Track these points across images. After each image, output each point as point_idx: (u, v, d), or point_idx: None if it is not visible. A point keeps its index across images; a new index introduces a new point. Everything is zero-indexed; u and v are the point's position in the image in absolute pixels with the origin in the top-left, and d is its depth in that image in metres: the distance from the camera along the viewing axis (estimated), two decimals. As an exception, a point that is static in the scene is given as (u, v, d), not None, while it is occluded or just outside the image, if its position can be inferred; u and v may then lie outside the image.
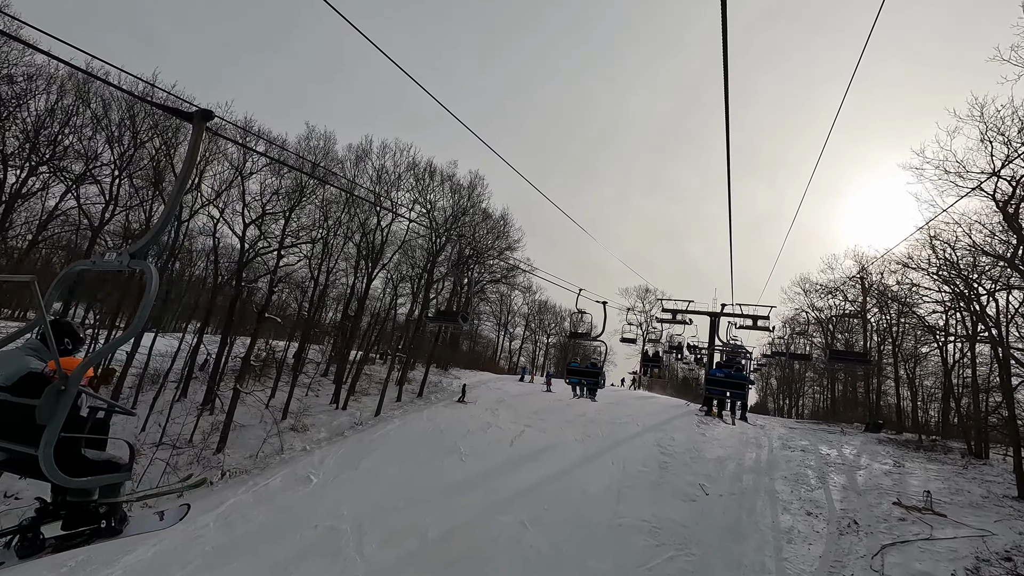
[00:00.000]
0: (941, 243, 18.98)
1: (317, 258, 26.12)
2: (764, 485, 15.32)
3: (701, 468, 16.48)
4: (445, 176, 31.29)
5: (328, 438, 19.13)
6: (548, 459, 16.38)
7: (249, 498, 12.65)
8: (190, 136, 3.07)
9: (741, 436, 21.57)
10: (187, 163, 3.07)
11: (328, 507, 12.11)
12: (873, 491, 15.00)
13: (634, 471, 15.51)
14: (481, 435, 18.95)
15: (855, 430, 27.11)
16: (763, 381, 52.60)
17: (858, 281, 33.16)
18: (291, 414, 21.46)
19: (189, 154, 3.01)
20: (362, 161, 26.97)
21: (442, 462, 15.76)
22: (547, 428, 20.59)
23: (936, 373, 30.78)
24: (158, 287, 2.62)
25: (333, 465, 15.26)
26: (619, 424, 21.96)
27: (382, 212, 26.94)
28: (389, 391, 28.88)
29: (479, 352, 56.56)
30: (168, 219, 3.16)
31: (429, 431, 19.36)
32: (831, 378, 39.60)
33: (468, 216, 33.66)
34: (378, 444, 17.50)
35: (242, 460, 16.40)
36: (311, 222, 24.46)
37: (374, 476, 14.37)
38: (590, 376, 16.36)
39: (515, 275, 45.58)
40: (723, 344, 22.87)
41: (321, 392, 27.29)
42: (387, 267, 31.19)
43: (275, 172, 22.77)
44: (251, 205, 23.38)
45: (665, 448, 18.39)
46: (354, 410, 24.30)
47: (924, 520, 12.81)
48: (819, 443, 21.75)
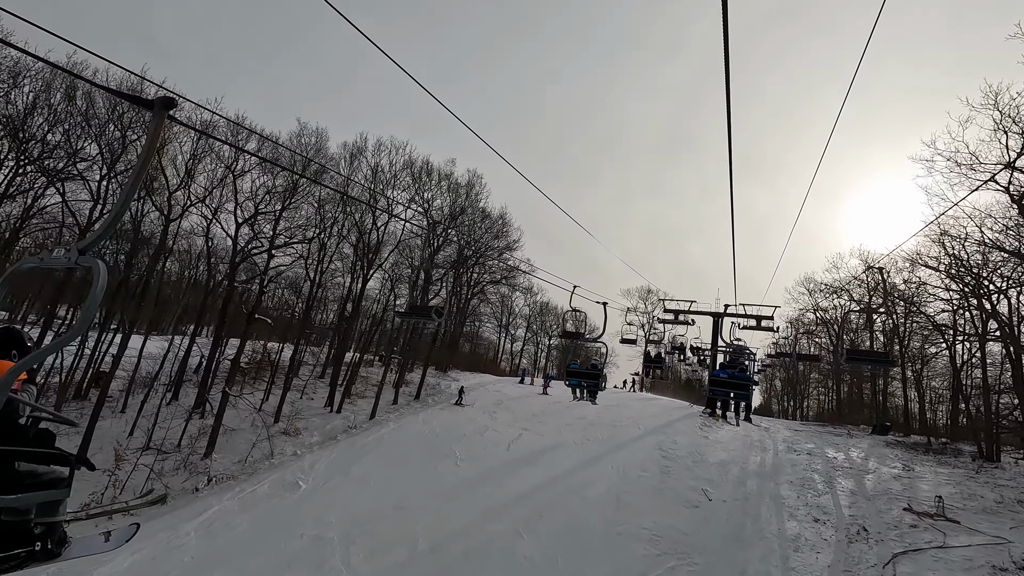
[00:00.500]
0: (951, 239, 18.55)
1: (313, 259, 25.75)
2: (769, 490, 14.88)
3: (704, 472, 16.04)
4: (442, 175, 30.96)
5: (320, 442, 18.74)
6: (545, 463, 15.96)
7: (234, 505, 12.27)
8: (149, 125, 2.85)
9: (745, 439, 21.12)
10: (144, 154, 2.92)
11: (315, 515, 11.71)
12: (882, 496, 14.54)
13: (634, 476, 15.08)
14: (477, 439, 18.54)
15: (862, 432, 26.59)
16: (767, 383, 52.06)
17: (863, 281, 32.78)
18: (284, 418, 21.09)
19: (147, 145, 2.79)
20: (356, 159, 26.63)
21: (436, 467, 15.35)
22: (545, 431, 20.17)
23: (944, 374, 30.29)
24: (105, 285, 2.43)
25: (323, 470, 14.87)
26: (619, 427, 21.52)
27: (378, 211, 26.58)
28: (386, 393, 28.51)
29: (480, 354, 56.19)
30: (119, 214, 2.88)
31: (424, 435, 18.96)
32: (837, 379, 39.06)
33: (466, 215, 33.34)
34: (371, 448, 17.10)
35: (230, 465, 16.02)
36: (305, 221, 24.11)
37: (365, 482, 13.96)
38: (590, 378, 15.99)
39: (515, 276, 45.26)
40: (726, 344, 22.45)
41: (316, 395, 26.91)
42: (384, 268, 30.85)
43: (267, 171, 22.43)
44: (244, 205, 23.08)
45: (666, 451, 17.95)
46: (349, 413, 23.91)
47: (936, 527, 12.35)
48: (825, 446, 21.27)
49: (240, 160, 23.00)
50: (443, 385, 32.37)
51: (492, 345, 58.96)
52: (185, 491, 13.72)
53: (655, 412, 26.22)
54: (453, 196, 31.12)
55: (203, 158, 22.94)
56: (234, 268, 23.00)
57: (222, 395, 17.32)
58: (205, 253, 25.28)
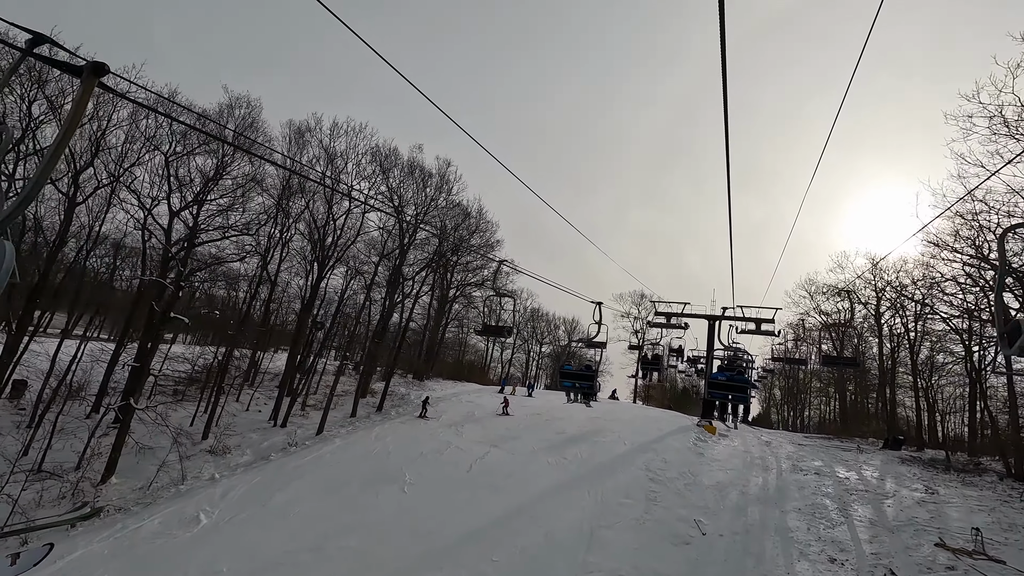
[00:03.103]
0: (971, 223, 16.83)
1: (259, 253, 23.39)
2: (774, 520, 12.87)
3: (697, 498, 13.99)
4: (410, 163, 28.82)
5: (251, 462, 16.39)
6: (511, 489, 13.81)
7: (103, 549, 9.94)
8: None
9: (745, 456, 19.15)
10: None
11: (203, 562, 9.44)
12: (907, 527, 12.60)
13: (614, 504, 12.99)
14: (435, 458, 16.33)
15: (872, 447, 24.80)
16: (766, 391, 50.45)
17: (868, 281, 31.24)
18: (215, 432, 18.67)
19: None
20: (303, 139, 24.20)
21: (377, 494, 13.12)
22: (517, 449, 18.02)
23: (956, 382, 28.71)
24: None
25: (237, 500, 12.57)
26: (603, 444, 19.44)
27: (337, 200, 24.37)
28: (344, 405, 26.19)
29: (469, 362, 54.25)
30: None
31: (374, 453, 16.70)
32: (840, 388, 37.39)
33: (438, 208, 31.24)
34: (305, 471, 14.82)
35: (128, 493, 13.62)
36: (241, 208, 21.64)
37: (283, 515, 11.70)
38: (584, 379, 14.32)
39: (501, 280, 43.25)
40: (724, 347, 20.82)
41: (267, 407, 24.49)
42: (347, 264, 28.58)
43: (188, 147, 19.95)
44: (165, 188, 20.60)
45: (655, 473, 15.90)
46: (296, 428, 21.54)
47: (978, 568, 10.43)
48: (834, 463, 19.39)
49: (176, 143, 20.72)
50: (413, 395, 30.07)
51: (481, 353, 57.00)
52: (59, 529, 11.32)
53: (645, 425, 24.16)
54: (421, 185, 28.99)
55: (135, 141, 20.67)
56: (167, 263, 20.56)
57: (124, 407, 14.91)
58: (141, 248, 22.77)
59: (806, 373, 43.74)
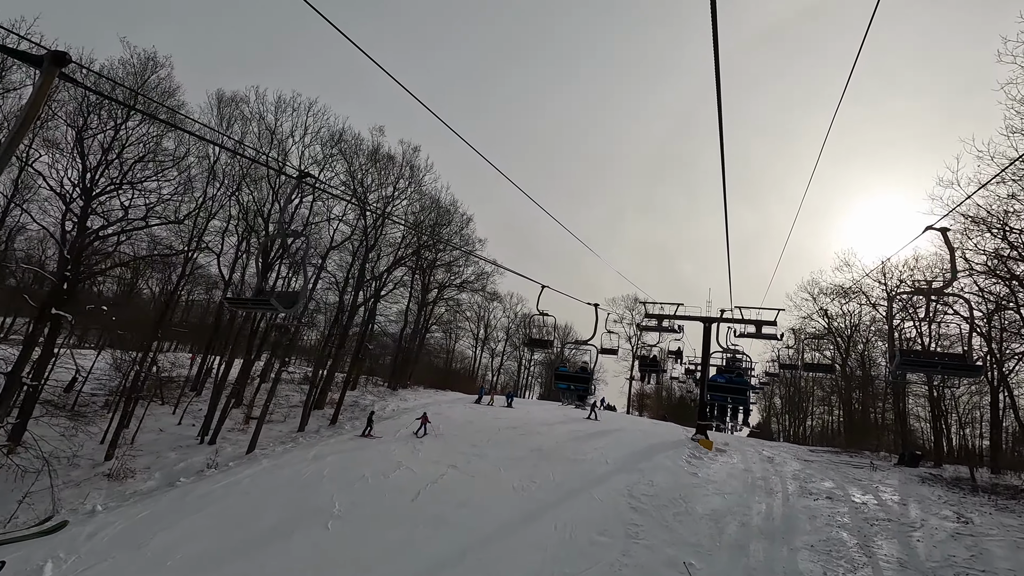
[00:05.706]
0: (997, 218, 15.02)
1: (183, 239, 21.00)
2: (782, 560, 10.74)
3: (689, 532, 11.82)
4: (370, 147, 26.58)
5: (154, 489, 13.98)
6: (460, 523, 11.55)
7: None
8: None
9: (745, 476, 17.04)
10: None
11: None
12: (946, 569, 10.52)
13: (584, 542, 10.77)
14: (378, 483, 14.01)
15: (885, 462, 22.81)
16: (767, 400, 48.63)
17: (877, 282, 29.47)
18: (120, 452, 16.19)
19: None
20: (230, 111, 21.85)
21: (292, 533, 10.80)
22: (480, 470, 15.76)
23: (973, 390, 26.94)
24: None
25: (105, 542, 10.18)
26: (581, 462, 17.25)
27: (279, 185, 22.08)
28: (297, 417, 23.77)
29: (456, 370, 52.20)
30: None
31: (303, 478, 14.34)
32: (845, 397, 35.54)
33: (407, 199, 29.08)
34: (210, 501, 12.43)
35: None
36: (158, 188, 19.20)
37: (157, 564, 9.35)
38: (580, 382, 13.41)
39: (484, 279, 41.25)
40: (723, 350, 19.22)
41: (200, 421, 21.97)
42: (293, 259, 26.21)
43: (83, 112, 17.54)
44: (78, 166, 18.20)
45: (639, 499, 13.72)
46: (227, 445, 19.10)
47: (1044, 629, 8.37)
48: (847, 483, 17.34)
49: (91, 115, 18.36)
50: (380, 407, 27.74)
51: (468, 361, 54.89)
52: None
53: (632, 439, 21.99)
54: (383, 174, 26.78)
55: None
56: (67, 252, 18.01)
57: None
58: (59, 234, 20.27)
59: (807, 381, 42.14)
